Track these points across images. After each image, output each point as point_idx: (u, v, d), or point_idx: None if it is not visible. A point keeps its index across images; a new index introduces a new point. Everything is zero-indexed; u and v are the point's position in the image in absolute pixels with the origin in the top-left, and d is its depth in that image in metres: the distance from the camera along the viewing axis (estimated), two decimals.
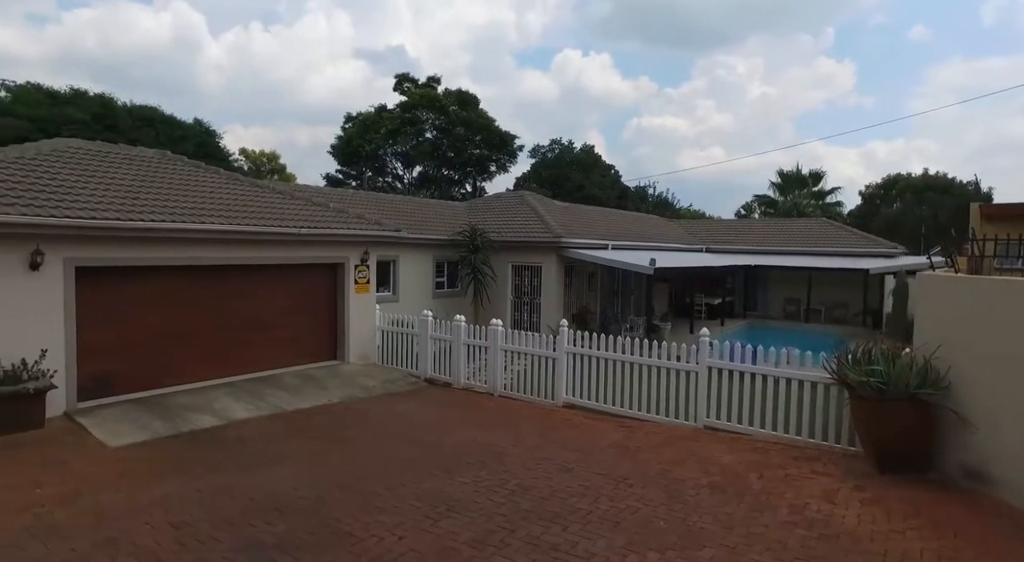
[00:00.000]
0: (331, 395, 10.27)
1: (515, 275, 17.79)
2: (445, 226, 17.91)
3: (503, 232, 17.61)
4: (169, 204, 9.68)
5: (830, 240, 24.35)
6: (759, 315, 24.97)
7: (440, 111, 36.29)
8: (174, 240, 9.31)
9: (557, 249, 16.77)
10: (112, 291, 9.01)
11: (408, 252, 16.16)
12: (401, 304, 15.82)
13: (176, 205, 9.74)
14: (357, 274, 12.50)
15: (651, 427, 8.69)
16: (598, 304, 19.28)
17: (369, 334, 12.74)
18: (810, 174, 36.37)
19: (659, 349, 9.09)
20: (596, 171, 44.83)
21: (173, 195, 10.20)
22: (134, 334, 9.26)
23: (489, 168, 39.71)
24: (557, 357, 10.15)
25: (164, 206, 9.53)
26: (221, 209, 10.31)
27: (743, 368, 8.29)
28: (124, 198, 9.30)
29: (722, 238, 26.65)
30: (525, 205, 20.01)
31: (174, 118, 31.34)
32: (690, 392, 8.73)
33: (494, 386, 10.93)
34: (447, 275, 17.69)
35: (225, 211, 10.28)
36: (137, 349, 9.29)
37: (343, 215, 12.52)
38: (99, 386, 8.83)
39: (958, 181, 51.29)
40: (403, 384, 11.51)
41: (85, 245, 8.46)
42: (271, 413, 9.09)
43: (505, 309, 17.74)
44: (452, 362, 11.59)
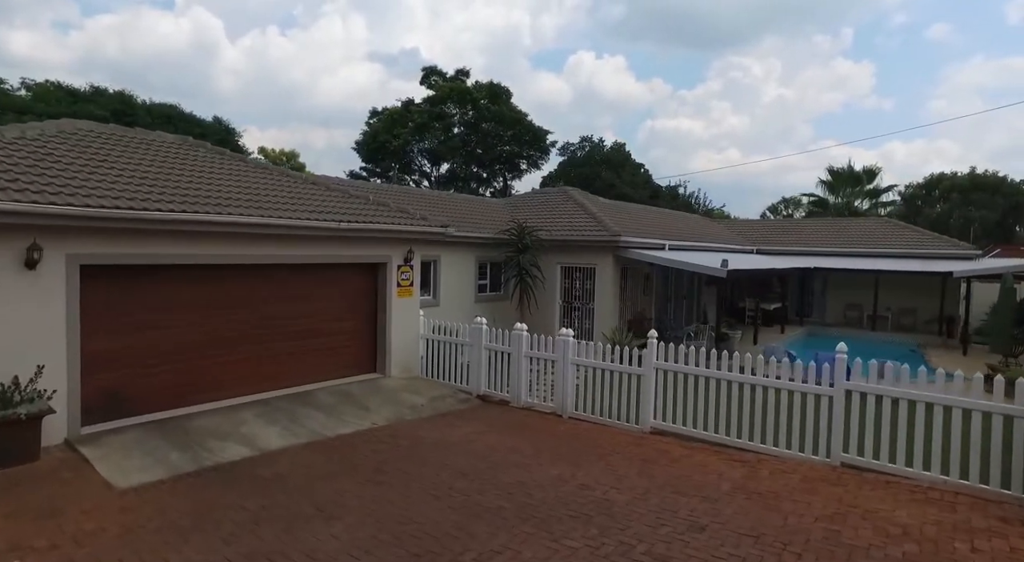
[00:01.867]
0: (375, 417, 8.79)
1: (564, 277, 16.23)
2: (487, 224, 16.42)
3: (551, 230, 16.06)
4: (191, 193, 8.27)
5: (897, 241, 22.45)
6: (815, 322, 23.15)
7: (470, 105, 34.77)
8: (195, 234, 7.89)
9: (614, 249, 15.19)
10: (123, 293, 7.60)
11: (449, 252, 14.69)
12: (442, 309, 14.34)
13: (199, 195, 8.33)
14: (400, 276, 11.03)
15: (773, 463, 7.08)
16: (653, 310, 17.65)
17: (412, 343, 11.26)
18: (864, 171, 34.35)
19: (782, 368, 7.47)
20: (627, 169, 43.13)
21: (195, 183, 8.79)
22: (149, 344, 7.84)
23: (520, 166, 38.10)
24: (644, 374, 8.57)
25: (185, 195, 8.12)
26: (250, 200, 8.88)
27: (899, 393, 6.64)
28: (139, 185, 7.90)
29: (772, 239, 24.85)
30: (571, 201, 18.45)
31: (193, 116, 30.31)
32: (821, 420, 7.11)
33: (563, 406, 9.38)
34: (489, 277, 16.19)
35: (254, 202, 8.85)
36: (152, 361, 7.88)
37: (385, 209, 11.06)
38: (108, 406, 7.42)
39: (1010, 180, 48.63)
40: (453, 402, 10.01)
41: (92, 239, 7.05)
42: (309, 440, 7.61)
43: (553, 315, 16.18)
44: (511, 377, 10.07)
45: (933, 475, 6.33)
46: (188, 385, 8.25)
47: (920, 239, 22.51)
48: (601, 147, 43.19)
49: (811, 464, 7.01)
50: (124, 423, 7.37)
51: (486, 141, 35.71)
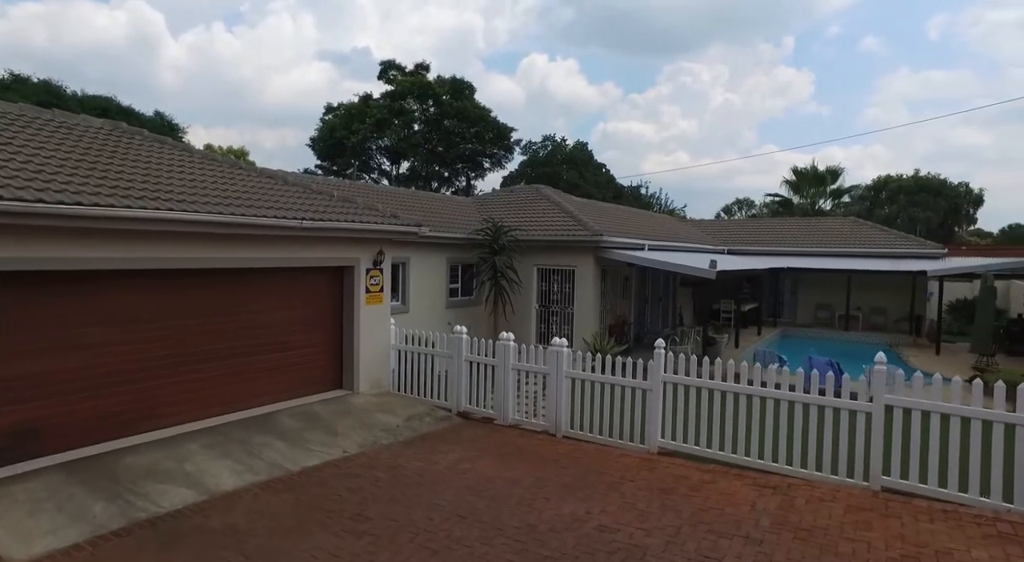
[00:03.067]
0: (346, 443, 7.63)
1: (541, 280, 15.31)
2: (458, 223, 15.35)
3: (527, 230, 15.11)
4: (121, 186, 6.94)
5: (866, 240, 22.43)
6: (787, 322, 22.94)
7: (432, 100, 33.36)
8: (130, 234, 6.59)
9: (595, 250, 14.35)
10: (41, 306, 6.25)
11: (420, 254, 13.56)
12: (412, 315, 13.21)
13: (132, 187, 7.01)
14: (369, 280, 9.87)
15: (805, 489, 6.29)
16: (631, 313, 16.91)
17: (383, 356, 10.12)
18: (827, 171, 34.68)
19: (812, 380, 6.70)
20: (589, 169, 42.66)
21: (128, 174, 7.45)
22: (74, 366, 6.50)
23: (483, 164, 36.94)
24: (651, 388, 7.69)
25: (115, 188, 6.79)
26: (196, 194, 7.60)
27: (950, 409, 5.92)
28: (54, 174, 6.54)
29: (742, 239, 24.58)
30: (545, 199, 17.56)
31: (132, 109, 28.06)
32: (857, 439, 6.35)
33: (556, 424, 8.43)
34: (461, 281, 15.12)
35: (201, 197, 7.57)
36: (77, 386, 6.54)
37: (352, 206, 9.89)
38: (17, 445, 6.06)
39: (949, 183, 50.46)
40: (432, 421, 8.93)
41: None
42: (269, 477, 6.43)
43: (530, 320, 15.23)
44: (496, 391, 9.06)
45: (994, 503, 5.63)
46: (122, 413, 6.93)
47: (888, 238, 22.56)
48: (563, 146, 42.58)
49: (848, 489, 6.25)
50: (38, 465, 6.02)
51: (448, 138, 34.39)
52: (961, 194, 50.50)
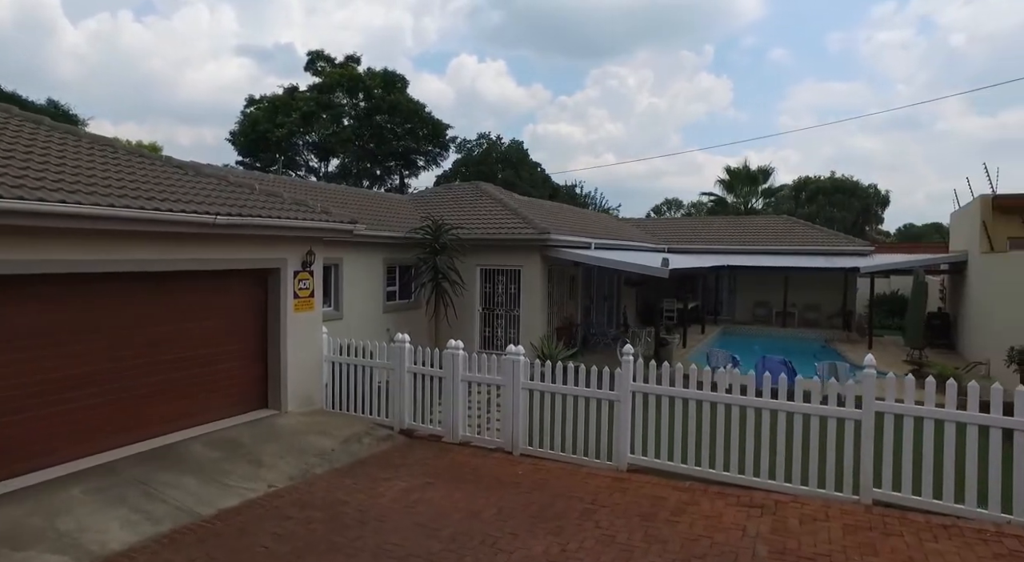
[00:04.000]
0: (273, 474, 6.53)
1: (485, 281, 14.47)
2: (395, 221, 14.29)
3: (470, 229, 14.24)
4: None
5: (799, 238, 22.89)
6: (727, 320, 23.09)
7: (362, 93, 31.64)
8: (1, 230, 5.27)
9: (542, 248, 13.64)
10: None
11: (354, 254, 12.43)
12: (346, 322, 12.07)
13: (3, 175, 5.65)
14: (298, 284, 8.74)
15: (793, 506, 5.75)
16: (579, 314, 16.33)
17: (314, 369, 9.00)
18: (759, 170, 35.55)
19: (797, 386, 6.18)
20: (525, 168, 42.15)
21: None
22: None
23: (417, 162, 35.53)
24: (618, 398, 6.99)
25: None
26: (78, 182, 6.29)
27: (945, 415, 5.50)
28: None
29: (681, 237, 24.61)
30: (486, 197, 16.72)
31: (17, 95, 25.06)
32: (845, 449, 5.87)
33: (513, 441, 7.62)
34: (399, 283, 14.07)
35: (86, 186, 6.27)
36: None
37: (277, 200, 8.71)
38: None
39: (861, 184, 53.38)
40: (372, 442, 7.93)
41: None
42: (175, 526, 5.27)
43: (473, 324, 14.36)
44: (444, 406, 8.15)
45: (993, 514, 5.24)
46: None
47: (820, 236, 23.11)
48: (498, 145, 41.86)
49: (839, 504, 5.75)
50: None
51: (380, 134, 32.78)
52: (871, 195, 53.47)
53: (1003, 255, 14.35)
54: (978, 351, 15.39)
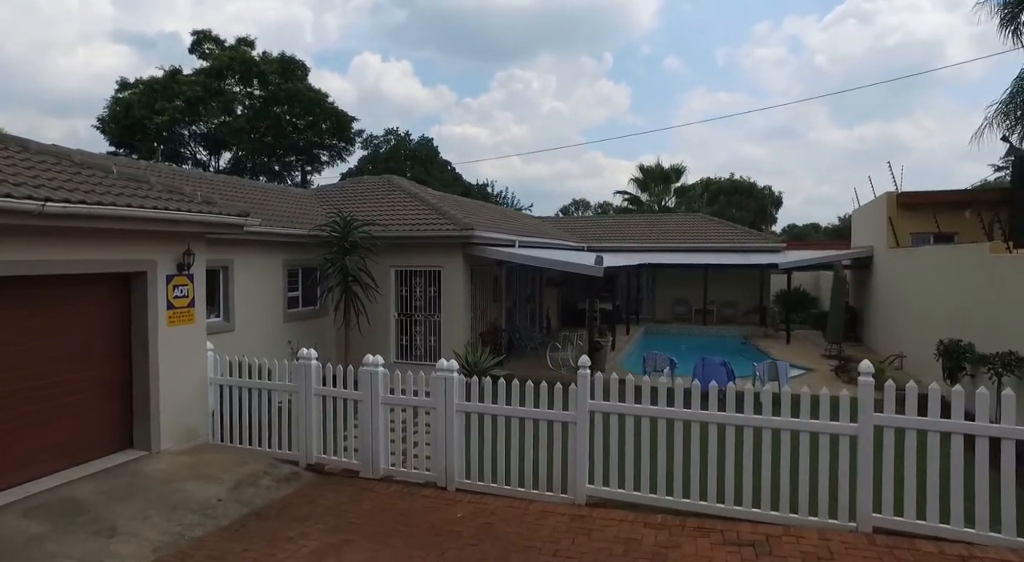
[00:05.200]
0: (128, 547, 4.91)
1: (401, 284, 13.04)
2: (296, 218, 12.57)
3: (384, 226, 12.77)
4: None
5: (715, 236, 23.06)
6: (647, 319, 22.86)
7: (258, 80, 28.70)
8: None
9: (464, 247, 12.41)
10: None
11: (248, 255, 10.66)
12: (238, 334, 10.31)
13: None
14: (173, 292, 7.03)
15: (789, 542, 4.91)
16: (503, 318, 15.24)
17: (197, 395, 7.32)
18: (672, 169, 36.01)
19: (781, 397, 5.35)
20: (435, 165, 40.70)
21: None
22: None
23: (320, 157, 33.00)
24: (574, 420, 5.93)
25: None
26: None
27: (954, 426, 4.83)
28: None
29: (600, 236, 24.20)
30: (400, 191, 15.27)
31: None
32: (841, 469, 5.11)
33: (447, 474, 6.38)
34: (302, 287, 12.36)
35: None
36: None
37: (142, 187, 6.94)
38: None
39: (757, 186, 56.30)
40: (272, 484, 6.42)
41: None
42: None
43: (388, 332, 12.90)
44: (362, 434, 6.77)
45: (1008, 538, 4.62)
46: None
47: (734, 234, 23.41)
48: (407, 141, 40.13)
49: (839, 535, 4.96)
50: None
51: (279, 126, 29.99)
52: (766, 196, 56.51)
53: (913, 250, 14.73)
54: (884, 344, 15.80)
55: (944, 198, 15.62)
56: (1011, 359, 8.38)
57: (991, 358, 8.57)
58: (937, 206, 15.51)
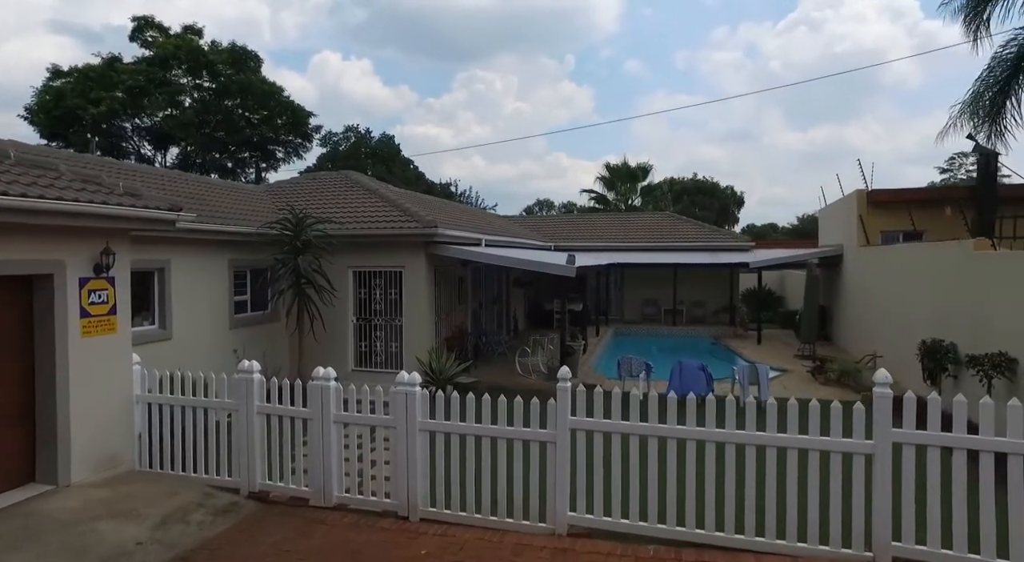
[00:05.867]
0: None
1: (360, 286, 12.16)
2: (244, 215, 11.57)
3: (341, 223, 11.89)
4: None
5: (683, 234, 22.74)
6: (616, 320, 22.39)
7: (206, 70, 26.98)
8: None
9: (427, 245, 11.61)
10: None
11: (189, 255, 9.66)
12: (177, 343, 9.31)
13: None
14: (87, 297, 6.07)
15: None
16: (469, 320, 14.49)
17: (119, 415, 6.38)
18: (639, 167, 35.72)
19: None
20: (397, 164, 39.66)
21: None
22: None
23: (276, 154, 31.53)
24: (553, 439, 5.24)
25: None
26: None
27: (990, 444, 4.30)
28: None
29: (566, 235, 23.64)
30: (358, 187, 14.37)
31: None
32: (855, 492, 4.53)
33: (409, 503, 5.62)
34: (251, 290, 11.37)
35: None
36: None
37: (48, 174, 5.96)
38: None
39: (720, 186, 56.97)
40: (208, 518, 5.56)
41: None
42: None
43: (346, 338, 12.01)
44: (312, 457, 5.95)
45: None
46: None
47: (703, 233, 23.14)
48: (368, 139, 38.97)
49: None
50: None
51: (231, 120, 28.42)
52: (728, 196, 57.19)
53: (888, 248, 14.54)
54: (855, 343, 15.62)
55: (914, 196, 15.53)
56: (1001, 360, 8.04)
57: (980, 359, 8.22)
58: (906, 204, 15.40)
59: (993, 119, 13.36)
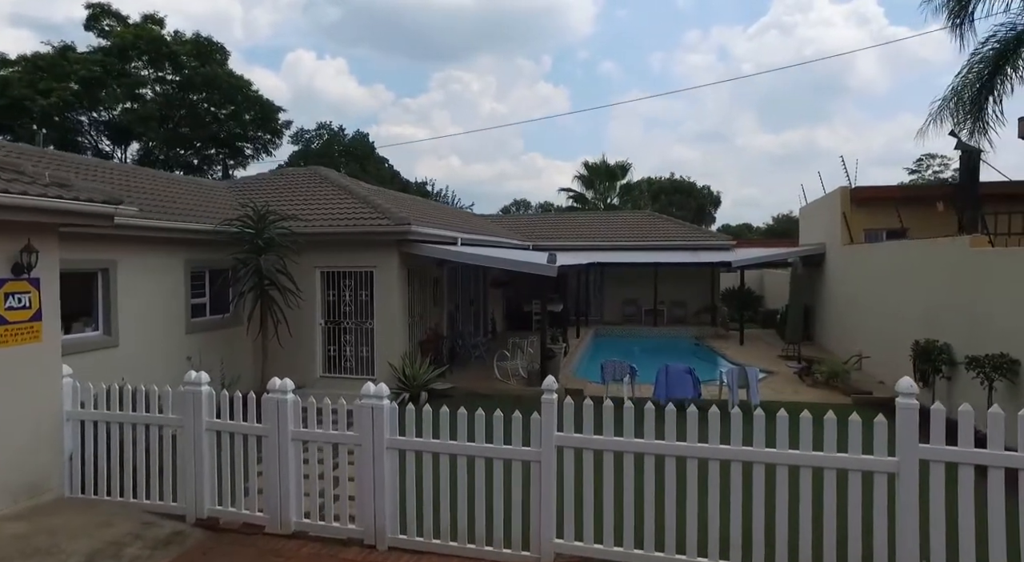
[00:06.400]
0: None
1: (328, 287, 11.47)
2: (205, 211, 10.81)
3: (308, 221, 11.19)
4: None
5: (664, 233, 22.39)
6: (596, 320, 21.93)
7: (168, 62, 25.67)
8: None
9: (400, 244, 10.98)
10: None
11: (139, 254, 8.89)
12: (124, 351, 8.56)
13: None
14: (4, 302, 5.34)
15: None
16: (445, 323, 13.86)
17: (43, 435, 5.65)
18: (617, 166, 35.33)
19: None
20: (371, 162, 38.81)
21: None
22: None
23: (244, 151, 30.40)
24: (538, 458, 4.67)
25: None
26: None
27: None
28: None
29: (545, 234, 23.13)
30: (328, 183, 13.65)
31: None
32: (876, 515, 4.05)
33: (377, 529, 5.01)
34: (210, 293, 10.60)
35: None
36: None
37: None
38: None
39: (697, 186, 57.17)
40: (143, 551, 4.89)
41: None
42: None
43: (314, 342, 11.31)
44: (268, 479, 5.31)
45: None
46: None
47: (683, 231, 22.83)
48: (341, 136, 38.04)
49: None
50: None
51: (195, 115, 27.22)
52: (705, 195, 57.39)
53: (875, 245, 14.27)
54: (839, 343, 15.37)
55: (898, 193, 15.31)
56: (1003, 362, 7.70)
57: (981, 360, 7.87)
58: (892, 201, 15.17)
59: (975, 116, 13.19)
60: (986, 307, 8.62)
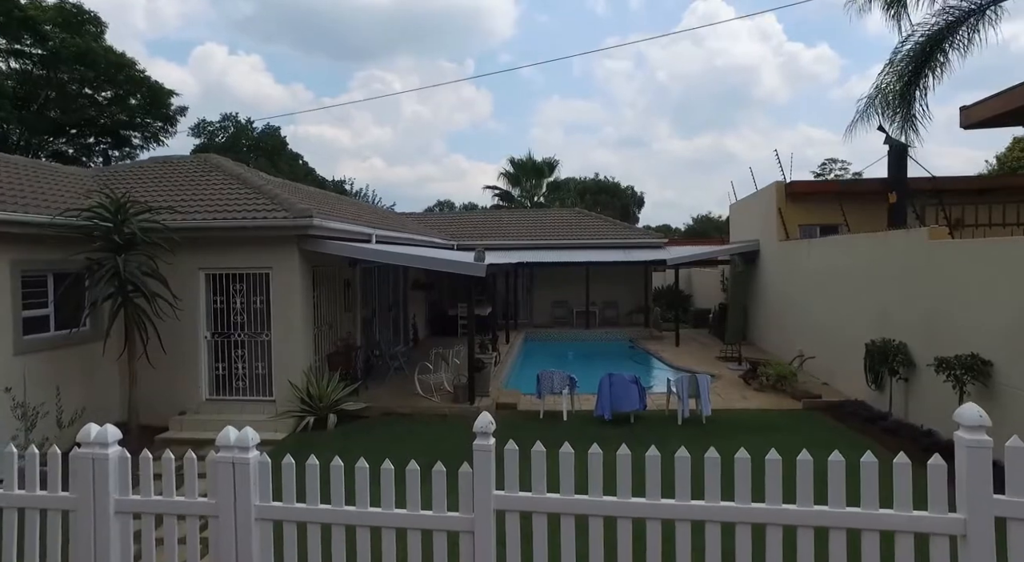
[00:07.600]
0: None
1: (215, 293, 9.64)
2: (50, 200, 8.75)
3: (189, 214, 9.33)
4: None
5: (594, 231, 21.57)
6: (525, 324, 20.82)
7: (27, 32, 21.89)
8: None
9: (301, 240, 9.32)
10: None
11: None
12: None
13: None
14: None
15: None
16: (358, 332, 12.22)
17: None
18: (544, 162, 34.34)
19: None
20: (283, 158, 36.17)
21: None
22: None
23: (131, 139, 27.03)
24: (471, 528, 3.32)
25: None
26: None
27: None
28: None
29: (470, 233, 21.81)
30: (218, 171, 11.71)
31: None
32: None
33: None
34: (54, 301, 8.55)
35: None
36: None
37: None
38: None
39: (621, 186, 57.71)
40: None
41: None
42: None
43: (196, 359, 9.45)
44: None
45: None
46: None
47: (614, 229, 22.12)
48: (250, 129, 35.19)
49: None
50: None
51: (66, 96, 23.65)
52: (629, 196, 58.01)
53: (817, 241, 13.84)
54: (776, 343, 14.94)
55: (836, 187, 15.05)
56: (974, 362, 7.06)
57: (950, 362, 7.22)
58: (825, 196, 14.90)
59: (904, 111, 13.03)
60: (945, 303, 8.05)
